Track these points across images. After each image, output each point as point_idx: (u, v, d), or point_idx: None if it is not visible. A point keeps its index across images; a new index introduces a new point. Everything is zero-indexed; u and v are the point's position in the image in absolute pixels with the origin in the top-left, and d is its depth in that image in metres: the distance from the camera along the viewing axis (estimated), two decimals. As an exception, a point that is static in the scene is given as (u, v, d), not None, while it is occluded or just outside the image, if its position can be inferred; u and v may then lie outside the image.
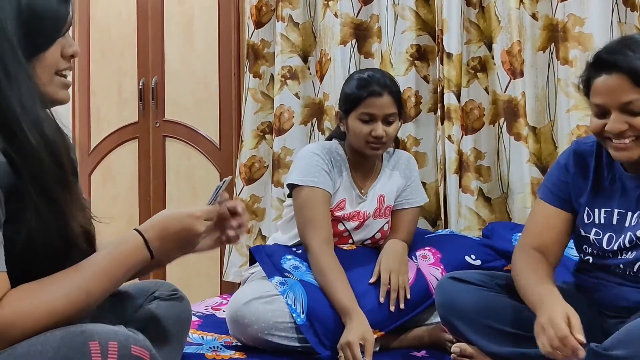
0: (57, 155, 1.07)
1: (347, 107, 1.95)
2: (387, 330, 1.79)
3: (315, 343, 1.69)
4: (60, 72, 1.14)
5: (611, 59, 1.40)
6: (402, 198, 2.07)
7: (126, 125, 3.40)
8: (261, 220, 2.89)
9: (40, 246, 1.06)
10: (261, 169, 2.89)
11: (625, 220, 1.50)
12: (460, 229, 2.44)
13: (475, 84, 2.50)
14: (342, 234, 2.01)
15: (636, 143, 1.42)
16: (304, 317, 1.71)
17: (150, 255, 1.15)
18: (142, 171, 3.35)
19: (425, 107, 2.61)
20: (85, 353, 0.96)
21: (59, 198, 1.07)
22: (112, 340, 0.99)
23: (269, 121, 2.88)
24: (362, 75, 1.96)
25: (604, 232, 1.52)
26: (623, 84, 1.38)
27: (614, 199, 1.52)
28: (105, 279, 1.10)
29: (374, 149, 1.94)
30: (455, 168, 2.47)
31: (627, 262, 1.49)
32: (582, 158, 1.58)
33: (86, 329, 1.01)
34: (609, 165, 1.54)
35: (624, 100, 1.39)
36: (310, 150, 1.99)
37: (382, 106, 1.90)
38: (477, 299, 1.56)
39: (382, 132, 1.90)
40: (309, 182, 1.93)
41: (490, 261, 1.97)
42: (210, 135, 3.17)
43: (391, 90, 1.92)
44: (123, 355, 0.98)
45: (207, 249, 1.34)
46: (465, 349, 1.60)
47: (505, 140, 2.44)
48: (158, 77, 3.28)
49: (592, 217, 1.54)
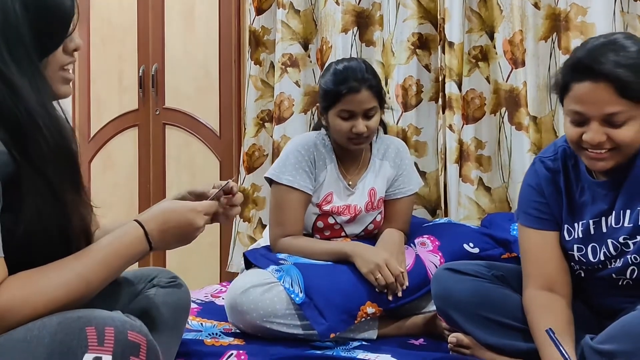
0: (65, 148, 1.09)
1: (326, 103, 1.92)
2: (386, 308, 1.79)
3: (314, 318, 1.69)
4: (63, 67, 1.17)
5: (597, 66, 1.31)
6: (395, 188, 2.06)
7: (126, 112, 3.39)
8: (261, 209, 2.88)
9: (39, 238, 1.06)
10: (261, 157, 2.89)
11: (601, 226, 1.46)
12: (460, 218, 2.43)
13: (477, 73, 2.49)
14: (333, 227, 2.01)
15: (612, 154, 1.36)
16: (303, 295, 1.72)
17: (149, 247, 1.16)
18: (142, 159, 3.35)
19: (426, 96, 2.60)
20: (81, 339, 0.96)
21: (63, 192, 1.08)
22: (108, 325, 0.99)
23: (269, 109, 2.87)
24: (338, 68, 1.91)
25: (585, 245, 1.48)
26: (609, 94, 1.31)
27: (587, 210, 1.48)
28: (105, 268, 1.11)
29: (356, 144, 1.93)
30: (456, 157, 2.46)
31: (618, 269, 1.46)
32: (551, 177, 1.52)
33: (83, 314, 1.01)
34: (576, 179, 1.50)
35: (608, 111, 1.32)
36: (293, 147, 1.98)
37: (360, 102, 1.87)
38: (474, 290, 1.55)
39: (363, 127, 1.88)
40: (285, 180, 1.93)
41: (488, 249, 1.97)
42: (210, 123, 3.17)
43: (370, 83, 1.87)
44: (119, 341, 0.98)
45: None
46: (461, 339, 1.60)
47: (506, 130, 2.43)
48: (158, 64, 3.27)
49: (572, 233, 1.50)
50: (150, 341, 1.03)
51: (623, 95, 1.31)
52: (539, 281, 1.48)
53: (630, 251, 1.44)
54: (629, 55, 1.32)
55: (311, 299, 1.72)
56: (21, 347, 0.97)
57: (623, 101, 1.31)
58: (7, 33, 1.06)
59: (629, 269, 1.45)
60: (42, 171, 1.05)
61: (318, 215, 1.99)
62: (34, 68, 1.08)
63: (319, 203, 1.98)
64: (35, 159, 1.05)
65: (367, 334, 1.79)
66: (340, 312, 1.72)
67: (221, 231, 3.12)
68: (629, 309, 1.39)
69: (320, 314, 1.70)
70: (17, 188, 1.03)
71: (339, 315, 1.71)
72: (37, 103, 1.06)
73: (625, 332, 1.30)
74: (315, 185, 1.97)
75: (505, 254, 2.00)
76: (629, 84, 1.30)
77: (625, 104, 1.31)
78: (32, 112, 1.05)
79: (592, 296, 1.54)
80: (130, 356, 0.99)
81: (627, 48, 1.33)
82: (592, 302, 1.55)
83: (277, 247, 1.95)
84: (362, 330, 1.79)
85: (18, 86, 1.05)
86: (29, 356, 0.96)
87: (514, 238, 2.00)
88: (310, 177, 1.95)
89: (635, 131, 1.34)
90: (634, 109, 1.32)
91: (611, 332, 1.33)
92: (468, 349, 1.59)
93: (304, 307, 1.70)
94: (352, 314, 1.73)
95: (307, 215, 1.99)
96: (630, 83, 1.30)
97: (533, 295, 1.48)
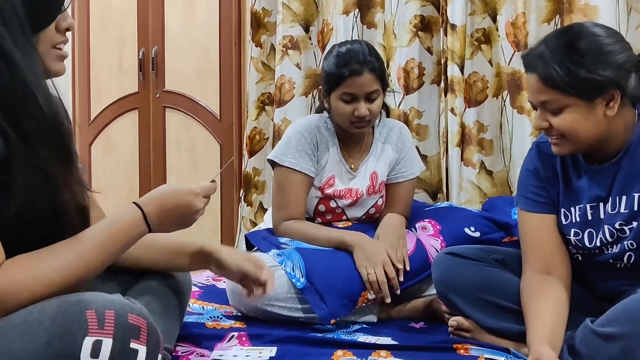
0: (57, 124, 1.08)
1: (328, 86, 1.91)
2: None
3: (315, 303, 1.69)
4: (56, 46, 1.15)
5: (525, 59, 1.43)
6: (396, 172, 2.05)
7: (126, 95, 3.37)
8: (262, 193, 2.88)
9: (29, 214, 1.05)
10: (261, 140, 2.88)
11: (599, 212, 1.46)
12: (462, 202, 2.43)
13: (479, 56, 2.47)
14: (335, 210, 2.01)
15: (562, 140, 1.42)
16: (304, 280, 1.72)
17: (148, 229, 1.16)
18: (142, 142, 3.34)
19: (428, 79, 2.58)
20: (81, 322, 0.96)
21: (53, 168, 1.07)
22: (108, 309, 0.98)
23: (269, 92, 2.86)
24: (341, 50, 1.90)
25: (582, 230, 1.48)
26: (538, 84, 1.39)
27: (584, 194, 1.48)
28: (104, 251, 1.10)
29: (359, 128, 1.92)
30: (458, 141, 2.45)
31: (615, 255, 1.46)
32: (547, 160, 1.53)
33: (83, 297, 1.00)
34: (573, 164, 1.51)
35: (541, 99, 1.40)
36: (295, 129, 1.98)
37: (363, 85, 1.86)
38: (474, 274, 1.56)
39: (365, 110, 1.87)
40: (287, 162, 1.93)
41: (489, 233, 1.97)
42: (210, 106, 3.15)
43: (372, 66, 1.86)
44: (120, 324, 0.98)
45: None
46: (462, 323, 1.60)
47: (508, 113, 2.42)
48: (158, 47, 3.25)
49: (570, 217, 1.50)
50: (150, 324, 1.03)
51: (549, 85, 1.37)
52: (537, 264, 1.49)
53: (627, 237, 1.44)
54: (556, 48, 1.37)
55: (312, 283, 1.72)
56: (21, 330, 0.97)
57: (551, 91, 1.37)
58: (1, 4, 1.04)
59: (626, 254, 1.45)
60: (33, 144, 1.03)
61: (320, 198, 1.98)
62: (27, 41, 1.06)
63: (321, 186, 1.97)
64: (27, 132, 1.03)
65: (368, 318, 1.79)
66: (341, 297, 1.72)
67: (222, 217, 3.12)
68: (629, 292, 1.39)
69: (321, 299, 1.70)
70: (9, 171, 1.02)
71: (339, 300, 1.71)
72: (32, 73, 1.04)
73: (626, 315, 1.30)
74: (317, 168, 1.96)
75: (506, 237, 1.99)
76: (551, 76, 1.36)
77: (554, 93, 1.37)
78: (27, 82, 1.03)
79: (592, 279, 1.54)
80: (130, 339, 0.98)
81: (563, 39, 1.39)
82: (592, 285, 1.55)
83: (280, 230, 1.94)
84: (363, 314, 1.79)
85: (13, 56, 1.03)
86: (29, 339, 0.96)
87: (514, 222, 1.99)
88: (312, 160, 1.94)
89: (572, 120, 1.38)
90: (566, 97, 1.37)
91: (611, 315, 1.34)
92: (468, 332, 1.60)
93: (305, 292, 1.71)
94: (353, 299, 1.73)
95: (309, 199, 1.98)
96: (552, 75, 1.36)
97: (529, 278, 1.49)
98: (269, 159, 2.00)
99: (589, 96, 1.36)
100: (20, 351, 0.95)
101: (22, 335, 0.96)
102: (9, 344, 0.96)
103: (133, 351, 0.98)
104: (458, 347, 1.53)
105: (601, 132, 1.40)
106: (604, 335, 1.31)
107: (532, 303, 1.43)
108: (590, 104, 1.37)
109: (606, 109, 1.38)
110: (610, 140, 1.43)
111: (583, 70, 1.34)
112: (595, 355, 1.32)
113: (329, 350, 1.51)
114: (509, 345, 1.51)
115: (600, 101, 1.37)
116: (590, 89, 1.36)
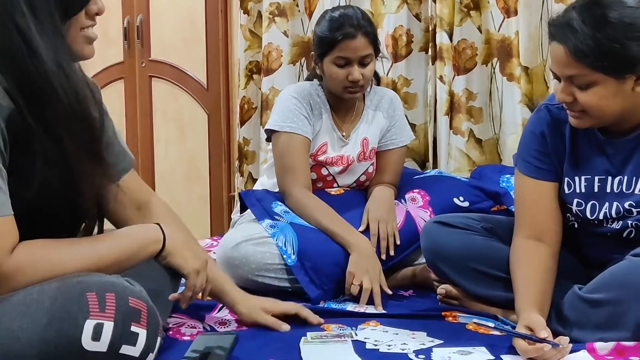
0: (82, 113, 1.08)
1: (321, 51, 1.89)
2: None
3: (306, 283, 1.70)
4: (84, 29, 1.16)
5: (553, 28, 1.33)
6: (387, 139, 2.04)
7: (111, 65, 3.32)
8: (251, 163, 2.86)
9: (46, 207, 1.05)
10: (250, 110, 2.85)
11: (606, 186, 1.43)
12: (450, 170, 2.43)
13: (468, 23, 2.45)
14: (326, 178, 2.00)
15: (583, 115, 1.36)
16: (295, 258, 1.71)
17: (162, 236, 1.20)
18: (129, 112, 3.30)
19: (416, 47, 2.56)
20: (82, 304, 0.96)
21: (77, 160, 1.07)
22: (109, 291, 0.98)
23: (257, 60, 2.82)
24: (334, 15, 1.89)
25: (586, 201, 1.45)
26: (566, 57, 1.31)
27: (594, 165, 1.45)
28: (120, 250, 1.13)
29: (351, 93, 1.91)
30: (446, 109, 2.44)
31: (615, 231, 1.44)
32: (557, 125, 1.48)
33: (82, 279, 1.00)
34: (585, 132, 1.45)
35: (568, 73, 1.32)
36: (289, 94, 1.95)
37: (356, 49, 1.85)
38: (463, 243, 1.55)
39: (359, 75, 1.86)
40: (287, 127, 1.90)
41: (478, 202, 1.97)
42: (197, 75, 3.11)
43: (365, 30, 1.85)
44: (120, 307, 0.98)
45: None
46: (450, 291, 1.61)
47: (497, 81, 2.41)
48: (143, 15, 3.19)
49: (573, 186, 1.47)
50: (150, 307, 1.03)
51: (579, 60, 1.29)
52: (528, 230, 1.47)
53: (632, 217, 1.42)
54: (588, 19, 1.29)
55: (302, 263, 1.71)
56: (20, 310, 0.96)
57: (581, 65, 1.29)
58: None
59: (627, 231, 1.44)
60: (56, 136, 1.03)
61: (312, 166, 1.97)
62: (55, 28, 1.06)
63: (314, 153, 1.96)
64: (50, 123, 1.03)
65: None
66: (330, 281, 1.72)
67: (211, 184, 3.10)
68: (617, 260, 1.40)
69: (311, 280, 1.70)
70: (28, 152, 1.01)
71: (328, 285, 1.71)
72: (54, 64, 1.04)
73: (613, 281, 1.31)
74: (313, 132, 1.94)
75: (495, 206, 2.00)
76: (582, 50, 1.28)
77: (583, 68, 1.30)
78: (48, 73, 1.03)
79: (583, 246, 1.54)
80: (131, 322, 0.99)
81: (595, 11, 1.29)
82: (583, 252, 1.55)
83: (293, 197, 1.85)
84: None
85: (37, 45, 1.03)
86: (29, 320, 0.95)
87: (503, 190, 2.00)
88: (310, 123, 1.93)
89: (599, 96, 1.32)
90: (595, 73, 1.30)
91: (599, 281, 1.35)
92: (457, 300, 1.61)
93: (295, 270, 1.70)
94: (342, 285, 1.72)
95: None
96: (583, 49, 1.28)
97: (518, 244, 1.48)
98: (267, 129, 1.97)
99: (620, 73, 1.30)
100: (20, 331, 0.95)
101: (21, 316, 0.96)
102: (9, 322, 0.96)
103: (134, 334, 0.99)
104: (447, 314, 1.54)
105: (626, 108, 1.35)
106: (591, 301, 1.32)
107: (520, 269, 1.43)
108: (620, 80, 1.30)
109: (635, 86, 1.32)
110: (631, 116, 1.38)
111: (617, 46, 1.27)
112: (582, 321, 1.33)
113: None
114: (497, 313, 1.53)
115: (630, 77, 1.31)
116: (622, 66, 1.29)
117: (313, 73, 2.05)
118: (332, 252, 1.74)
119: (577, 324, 1.34)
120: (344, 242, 1.75)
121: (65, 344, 0.94)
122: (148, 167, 3.25)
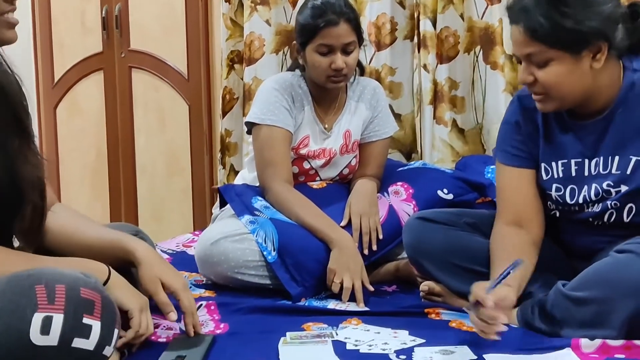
0: (11, 99, 1.06)
1: (303, 39, 1.85)
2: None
3: (286, 280, 1.67)
4: (4, 14, 1.13)
5: (510, 12, 1.38)
6: (370, 130, 2.00)
7: (90, 55, 3.25)
8: (233, 155, 2.82)
9: None
10: (231, 100, 2.80)
11: (584, 169, 1.44)
12: (434, 161, 2.40)
13: (451, 10, 2.40)
14: (308, 172, 1.96)
15: (545, 97, 1.38)
16: (275, 255, 1.68)
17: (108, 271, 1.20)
18: (108, 104, 3.24)
19: (401, 35, 2.51)
20: (31, 297, 0.94)
21: (11, 143, 1.05)
22: (59, 283, 0.96)
23: (239, 50, 2.77)
24: (316, 2, 1.84)
25: (564, 186, 1.46)
26: (523, 36, 1.34)
27: (568, 149, 1.45)
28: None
29: (335, 82, 1.87)
30: (431, 98, 2.41)
31: (596, 214, 1.44)
32: (529, 114, 1.50)
33: (33, 272, 0.98)
34: (557, 118, 1.47)
35: (525, 52, 1.36)
36: (270, 85, 1.91)
37: (339, 36, 1.81)
38: (445, 239, 1.54)
39: (342, 63, 1.82)
40: (268, 120, 1.86)
41: (462, 194, 1.95)
42: (177, 65, 3.05)
43: (348, 17, 1.82)
44: (71, 298, 0.95)
45: None
46: (433, 288, 1.60)
47: (481, 69, 2.38)
48: (122, 3, 3.12)
49: (550, 172, 1.48)
50: (105, 297, 1.01)
51: (534, 38, 1.33)
52: (508, 216, 1.49)
53: (611, 198, 1.42)
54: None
55: (283, 260, 1.68)
56: None
57: (536, 43, 1.33)
58: None
59: (607, 213, 1.43)
60: None
61: (293, 159, 1.93)
62: None
63: (295, 146, 1.92)
64: None
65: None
66: (311, 278, 1.69)
67: (193, 176, 3.06)
68: (604, 250, 1.39)
69: (291, 277, 1.67)
70: None
71: (309, 281, 1.68)
72: None
73: (597, 279, 1.30)
74: (294, 125, 1.90)
75: (480, 198, 1.98)
76: (536, 27, 1.32)
77: (539, 45, 1.33)
78: None
79: (567, 235, 1.53)
80: (83, 314, 0.96)
81: None
82: (567, 242, 1.54)
83: (273, 191, 1.81)
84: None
85: None
86: None
87: (488, 182, 1.98)
88: (291, 116, 1.89)
89: (557, 73, 1.34)
90: (551, 50, 1.33)
91: (583, 278, 1.33)
92: (440, 296, 1.59)
93: (275, 267, 1.67)
94: (324, 281, 1.68)
95: None
96: (536, 27, 1.32)
97: (498, 229, 1.49)
98: (247, 122, 1.93)
99: (575, 49, 1.33)
100: None
101: None
102: None
103: (86, 326, 0.96)
104: (429, 311, 1.52)
105: (586, 86, 1.37)
106: (576, 299, 1.31)
107: (498, 251, 1.43)
108: (576, 56, 1.33)
109: (592, 62, 1.34)
110: (595, 95, 1.39)
111: (569, 21, 1.30)
112: (567, 319, 1.32)
113: (299, 318, 1.48)
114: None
115: (586, 54, 1.33)
116: (576, 41, 1.32)
117: (295, 63, 2.01)
118: (314, 248, 1.71)
119: (562, 321, 1.33)
120: (325, 237, 1.71)
121: (14, 339, 0.92)
122: (128, 160, 3.19)
